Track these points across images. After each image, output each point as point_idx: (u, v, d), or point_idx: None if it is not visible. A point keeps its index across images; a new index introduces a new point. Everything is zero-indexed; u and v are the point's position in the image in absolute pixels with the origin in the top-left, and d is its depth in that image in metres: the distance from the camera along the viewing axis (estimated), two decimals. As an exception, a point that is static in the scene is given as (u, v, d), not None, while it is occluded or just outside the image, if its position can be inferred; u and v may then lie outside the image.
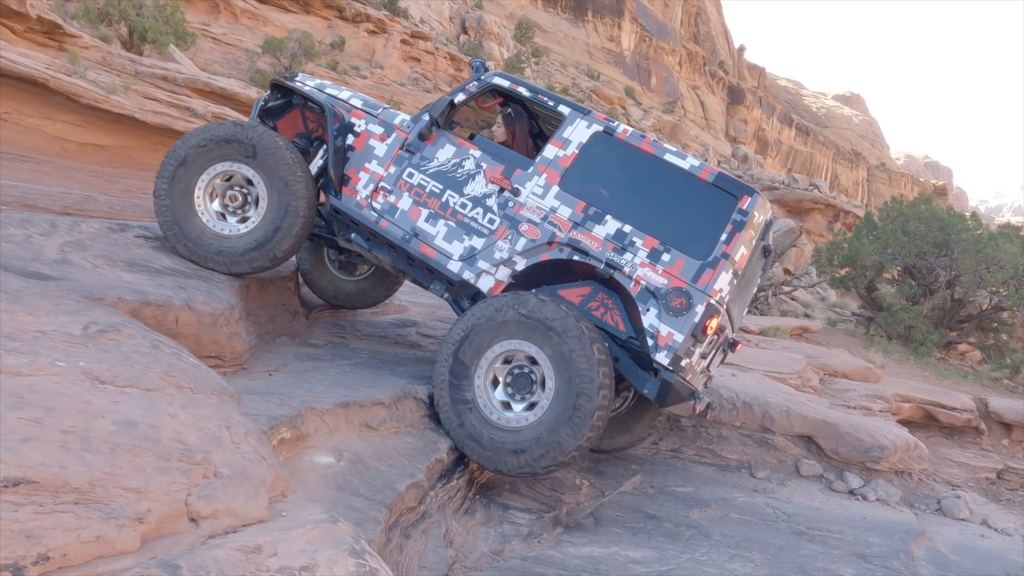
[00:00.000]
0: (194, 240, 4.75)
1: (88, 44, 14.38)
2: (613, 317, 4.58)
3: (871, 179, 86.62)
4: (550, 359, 4.20)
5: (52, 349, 2.70)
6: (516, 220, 4.71)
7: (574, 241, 4.58)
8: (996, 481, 8.43)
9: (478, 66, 5.17)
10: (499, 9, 57.90)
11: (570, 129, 4.84)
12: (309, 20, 31.79)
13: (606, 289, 4.61)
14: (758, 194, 4.56)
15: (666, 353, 4.34)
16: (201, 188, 4.77)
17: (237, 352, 4.41)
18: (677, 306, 4.35)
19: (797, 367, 8.86)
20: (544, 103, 5.02)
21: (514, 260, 4.68)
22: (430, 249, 4.81)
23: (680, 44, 72.80)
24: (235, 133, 4.74)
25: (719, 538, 4.84)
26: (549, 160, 4.79)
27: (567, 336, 4.15)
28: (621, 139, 4.76)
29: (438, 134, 4.99)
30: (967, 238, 14.35)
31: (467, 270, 4.74)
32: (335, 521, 2.54)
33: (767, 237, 4.99)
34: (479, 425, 4.30)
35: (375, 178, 5.02)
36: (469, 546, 4.09)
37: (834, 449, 6.47)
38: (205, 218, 4.79)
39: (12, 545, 1.78)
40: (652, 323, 4.38)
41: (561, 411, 4.14)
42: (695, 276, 4.38)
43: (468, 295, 4.81)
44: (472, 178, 4.85)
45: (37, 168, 10.60)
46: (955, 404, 9.19)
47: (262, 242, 4.74)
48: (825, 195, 40.08)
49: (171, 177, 4.75)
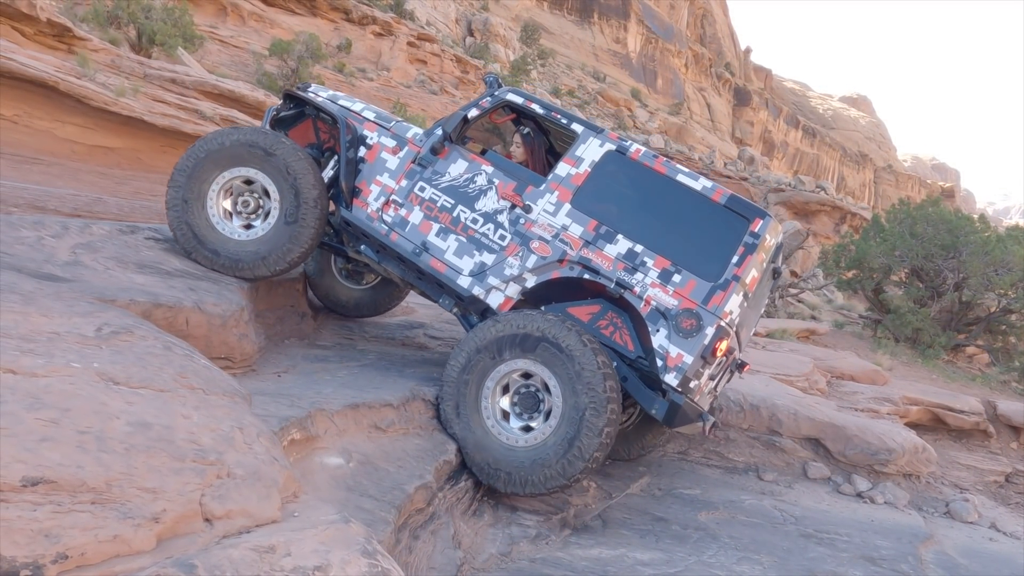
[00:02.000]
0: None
1: (97, 47, 14.46)
2: (622, 336, 4.57)
3: (878, 181, 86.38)
4: (556, 377, 4.22)
5: (67, 350, 2.72)
6: (527, 237, 4.70)
7: (585, 260, 4.56)
8: (1005, 484, 8.40)
9: (492, 81, 5.15)
10: (505, 11, 57.98)
11: (583, 147, 4.83)
12: (316, 23, 31.88)
13: (616, 308, 4.60)
14: (770, 217, 4.56)
15: (675, 375, 4.33)
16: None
17: (247, 353, 4.44)
18: (687, 327, 4.34)
19: (804, 369, 8.85)
20: (557, 120, 5.01)
21: (524, 277, 4.68)
22: (440, 264, 4.81)
23: (686, 46, 72.77)
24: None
25: (727, 540, 4.84)
26: (561, 178, 4.79)
27: (573, 353, 4.17)
28: (634, 158, 4.74)
29: (450, 149, 4.99)
30: (975, 240, 14.31)
31: (477, 286, 4.73)
32: (347, 522, 2.55)
33: (777, 260, 4.98)
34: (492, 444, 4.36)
35: (386, 191, 5.02)
36: (477, 547, 4.11)
37: (842, 452, 6.46)
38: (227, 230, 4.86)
39: (31, 544, 1.80)
40: (662, 344, 4.37)
41: (569, 427, 4.16)
42: (706, 298, 4.37)
43: (477, 311, 4.80)
44: (484, 194, 4.84)
45: (47, 170, 10.66)
46: (963, 407, 9.17)
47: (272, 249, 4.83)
48: (832, 197, 40.03)
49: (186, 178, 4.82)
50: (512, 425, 4.40)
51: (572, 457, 4.14)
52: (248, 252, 4.78)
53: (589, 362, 4.16)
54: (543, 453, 4.21)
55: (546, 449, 4.21)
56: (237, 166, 4.78)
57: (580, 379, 4.14)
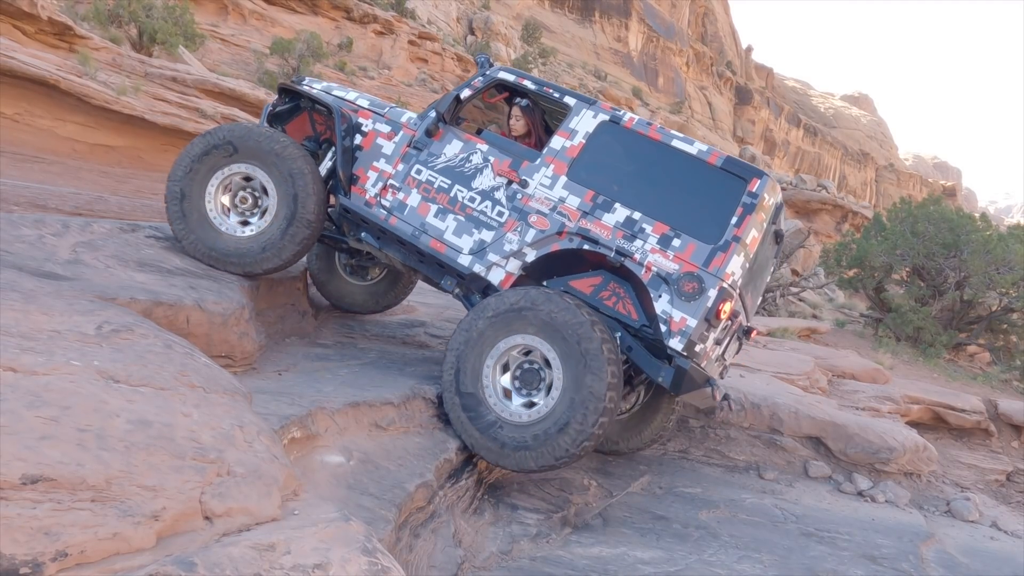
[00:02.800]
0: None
1: (98, 46, 14.47)
2: (625, 306, 4.55)
3: (879, 180, 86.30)
4: (559, 355, 4.21)
5: (67, 348, 2.72)
6: (525, 212, 4.71)
7: (584, 230, 4.57)
8: (1006, 483, 8.40)
9: (483, 61, 5.20)
10: (506, 10, 57.94)
11: (576, 119, 4.85)
12: (317, 21, 31.88)
13: (617, 278, 4.60)
14: (767, 176, 4.54)
15: (680, 339, 4.31)
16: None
17: (247, 352, 4.43)
18: (689, 291, 4.32)
19: (805, 368, 8.84)
20: (549, 95, 5.03)
21: (524, 252, 4.69)
22: (440, 244, 4.83)
23: (687, 44, 72.70)
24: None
25: (728, 539, 4.84)
26: (556, 151, 4.80)
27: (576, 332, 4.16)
28: (628, 127, 4.76)
29: (445, 130, 5.01)
30: (976, 239, 14.30)
31: (477, 263, 4.75)
32: (347, 520, 2.55)
33: (778, 221, 4.95)
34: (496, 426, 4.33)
35: (384, 176, 5.04)
36: (478, 546, 4.10)
37: (843, 450, 6.46)
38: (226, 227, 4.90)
39: (31, 542, 1.80)
40: (665, 309, 4.35)
41: (570, 401, 4.13)
42: (707, 260, 4.35)
43: (479, 288, 4.81)
44: (480, 172, 4.86)
45: (48, 169, 10.67)
46: (964, 406, 9.16)
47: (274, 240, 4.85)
48: (833, 196, 39.97)
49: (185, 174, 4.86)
50: (514, 402, 4.37)
51: (578, 427, 4.11)
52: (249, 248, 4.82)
53: (585, 329, 4.13)
54: (548, 426, 4.18)
55: (553, 419, 4.18)
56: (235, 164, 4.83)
57: (579, 346, 4.13)
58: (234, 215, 4.92)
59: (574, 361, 4.16)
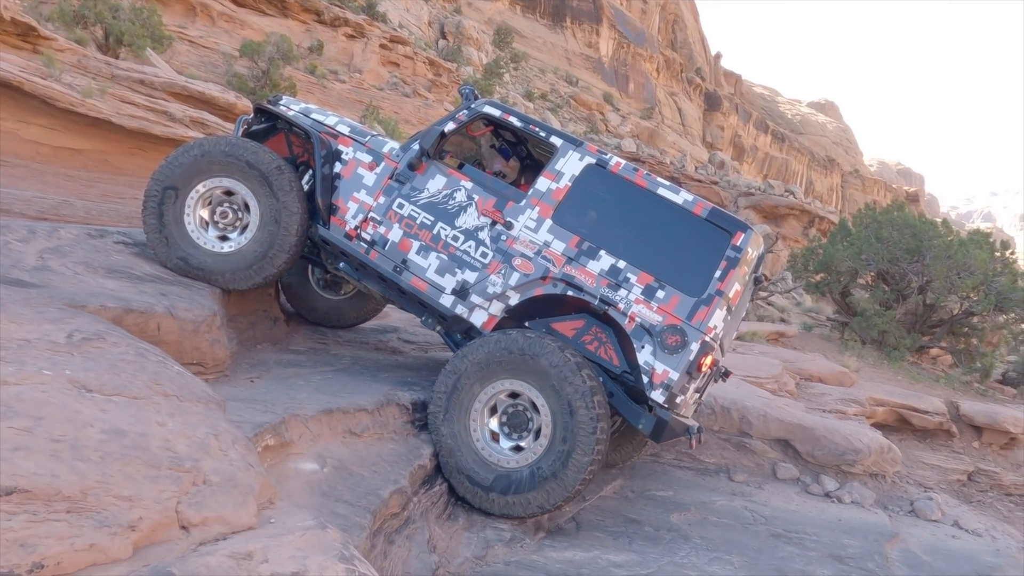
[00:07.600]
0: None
1: (63, 47, 14.19)
2: (607, 351, 4.54)
3: (845, 185, 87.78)
4: (541, 392, 4.25)
5: (38, 358, 2.69)
6: (509, 254, 4.65)
7: (568, 276, 4.54)
8: (967, 483, 8.61)
9: (468, 93, 5.07)
10: (478, 15, 57.97)
11: (562, 161, 4.78)
12: (287, 24, 31.58)
13: (600, 323, 4.58)
14: (751, 230, 4.57)
15: (661, 391, 4.33)
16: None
17: (219, 359, 4.41)
18: (672, 344, 4.34)
19: (774, 371, 8.98)
20: (535, 134, 4.94)
21: (507, 295, 4.63)
22: (422, 282, 4.75)
23: (658, 51, 73.35)
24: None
25: (699, 541, 4.91)
26: (542, 193, 4.74)
27: (558, 370, 4.20)
28: (614, 172, 4.71)
29: (428, 164, 4.90)
30: (938, 244, 14.63)
31: (460, 304, 4.69)
32: (324, 527, 2.56)
33: (758, 270, 5.00)
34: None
35: (364, 208, 4.92)
36: (452, 551, 4.12)
37: (810, 452, 6.58)
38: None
39: (7, 554, 1.79)
40: (647, 360, 4.36)
41: (561, 445, 4.21)
42: (690, 314, 4.37)
43: (461, 330, 4.78)
44: (464, 210, 4.77)
45: (11, 172, 10.45)
46: (927, 407, 9.38)
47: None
48: (800, 201, 40.60)
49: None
50: (502, 445, 4.41)
51: (568, 473, 4.18)
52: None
53: (576, 381, 4.17)
54: (537, 471, 4.26)
55: (539, 467, 4.25)
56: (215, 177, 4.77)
57: (568, 396, 4.18)
58: (213, 230, 4.87)
59: (563, 413, 4.20)
